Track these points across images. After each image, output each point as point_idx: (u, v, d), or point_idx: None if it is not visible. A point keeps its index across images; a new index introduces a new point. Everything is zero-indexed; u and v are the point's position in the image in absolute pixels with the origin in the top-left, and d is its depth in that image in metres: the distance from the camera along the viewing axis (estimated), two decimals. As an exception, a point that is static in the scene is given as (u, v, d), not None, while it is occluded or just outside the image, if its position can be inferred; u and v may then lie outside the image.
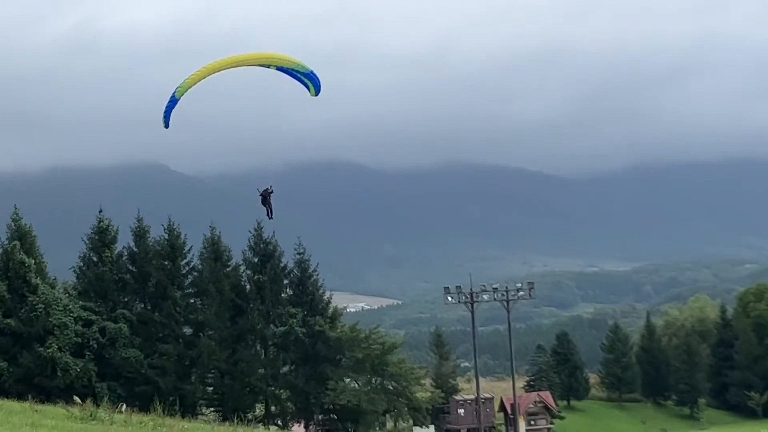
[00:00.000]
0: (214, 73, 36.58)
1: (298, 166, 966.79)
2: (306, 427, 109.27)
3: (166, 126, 38.27)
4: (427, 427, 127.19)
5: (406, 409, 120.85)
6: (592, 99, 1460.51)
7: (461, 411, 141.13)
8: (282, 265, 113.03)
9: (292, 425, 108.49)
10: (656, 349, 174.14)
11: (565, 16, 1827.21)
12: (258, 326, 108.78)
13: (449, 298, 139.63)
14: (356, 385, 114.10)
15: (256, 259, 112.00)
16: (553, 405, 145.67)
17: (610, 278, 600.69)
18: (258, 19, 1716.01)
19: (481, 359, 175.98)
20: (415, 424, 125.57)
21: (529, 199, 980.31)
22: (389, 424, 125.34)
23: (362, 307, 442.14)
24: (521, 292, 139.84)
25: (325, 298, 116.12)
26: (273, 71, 38.59)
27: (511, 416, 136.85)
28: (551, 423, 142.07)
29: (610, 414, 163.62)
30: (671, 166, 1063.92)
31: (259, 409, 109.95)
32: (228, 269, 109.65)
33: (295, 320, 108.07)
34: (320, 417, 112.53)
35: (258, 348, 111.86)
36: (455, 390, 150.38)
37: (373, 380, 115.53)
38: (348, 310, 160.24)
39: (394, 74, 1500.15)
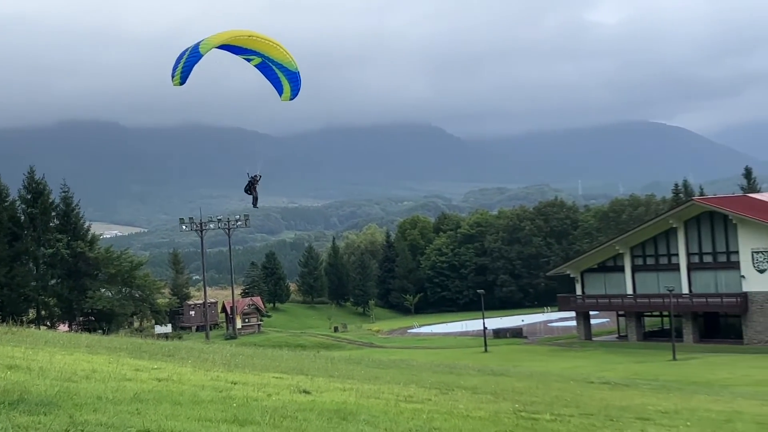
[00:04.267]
0: (230, 43, 26.86)
1: (68, 123, 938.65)
2: (70, 326, 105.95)
3: (183, 83, 26.77)
4: (166, 325, 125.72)
5: (149, 312, 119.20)
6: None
7: (192, 312, 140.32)
8: (50, 200, 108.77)
9: (59, 325, 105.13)
10: (339, 264, 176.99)
11: (276, 12, 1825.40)
12: (31, 248, 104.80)
13: (184, 227, 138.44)
14: (110, 294, 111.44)
15: (29, 196, 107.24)
16: (262, 307, 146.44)
17: (307, 212, 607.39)
18: (40, 8, 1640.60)
19: (209, 273, 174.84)
20: (156, 323, 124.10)
21: (241, 150, 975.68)
22: (136, 324, 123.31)
23: (116, 234, 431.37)
24: (239, 222, 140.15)
25: (85, 226, 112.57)
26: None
27: (231, 316, 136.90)
28: (261, 320, 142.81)
29: (304, 313, 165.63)
30: (353, 128, 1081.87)
31: (31, 314, 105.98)
32: (6, 204, 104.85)
33: (61, 244, 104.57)
34: (81, 319, 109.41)
35: (31, 266, 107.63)
36: (188, 297, 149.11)
37: (123, 290, 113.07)
38: (104, 236, 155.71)
39: (142, 52, 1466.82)
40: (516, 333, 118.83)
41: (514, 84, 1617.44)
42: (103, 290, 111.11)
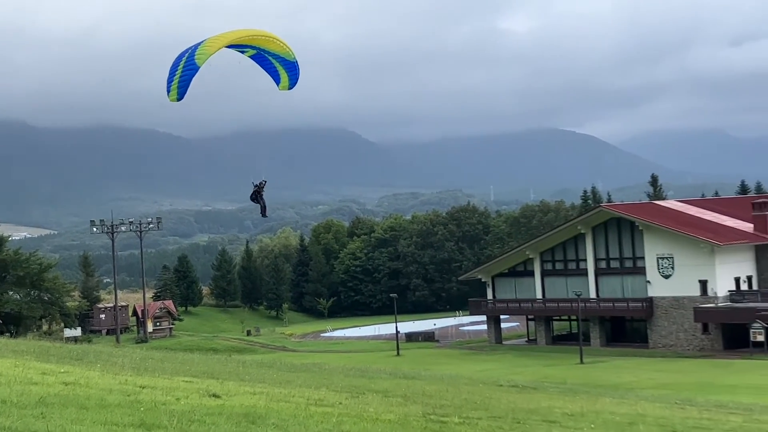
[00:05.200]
0: (231, 43, 25.75)
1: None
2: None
3: (180, 99, 25.28)
4: (75, 329, 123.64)
5: (58, 315, 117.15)
6: (207, 79, 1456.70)
7: (103, 316, 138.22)
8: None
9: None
10: (252, 267, 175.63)
11: (189, 15, 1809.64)
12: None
13: (95, 229, 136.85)
14: (18, 296, 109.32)
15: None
16: (174, 310, 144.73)
17: (221, 215, 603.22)
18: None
19: (120, 276, 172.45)
20: (66, 327, 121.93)
21: (158, 153, 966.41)
22: (45, 327, 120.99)
23: (25, 236, 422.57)
24: (151, 225, 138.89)
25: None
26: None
27: (142, 319, 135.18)
28: (172, 324, 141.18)
29: (217, 317, 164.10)
30: (268, 131, 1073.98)
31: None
32: None
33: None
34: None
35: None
36: (98, 300, 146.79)
37: (32, 292, 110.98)
38: (12, 237, 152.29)
39: (51, 52, 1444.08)
40: (428, 337, 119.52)
41: (428, 89, 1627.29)
42: (11, 293, 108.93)
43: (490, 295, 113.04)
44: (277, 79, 28.94)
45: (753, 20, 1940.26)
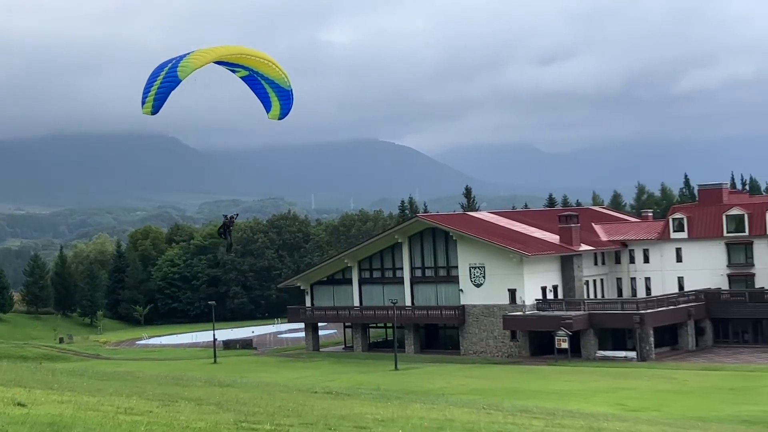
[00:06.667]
0: (217, 59, 24.44)
1: None
2: None
3: (156, 112, 24.17)
4: None
5: None
6: (22, 80, 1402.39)
7: None
8: None
9: None
10: (67, 273, 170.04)
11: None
12: None
13: None
14: None
15: None
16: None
17: (35, 219, 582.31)
18: None
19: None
20: None
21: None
22: None
23: None
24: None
25: None
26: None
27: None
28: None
29: (28, 324, 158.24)
30: (85, 135, 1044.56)
31: None
32: None
33: None
34: None
35: None
36: None
37: None
38: None
39: None
40: (246, 344, 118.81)
41: (249, 97, 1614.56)
42: None
43: (308, 303, 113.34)
44: (267, 106, 27.20)
45: (560, 41, 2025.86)
